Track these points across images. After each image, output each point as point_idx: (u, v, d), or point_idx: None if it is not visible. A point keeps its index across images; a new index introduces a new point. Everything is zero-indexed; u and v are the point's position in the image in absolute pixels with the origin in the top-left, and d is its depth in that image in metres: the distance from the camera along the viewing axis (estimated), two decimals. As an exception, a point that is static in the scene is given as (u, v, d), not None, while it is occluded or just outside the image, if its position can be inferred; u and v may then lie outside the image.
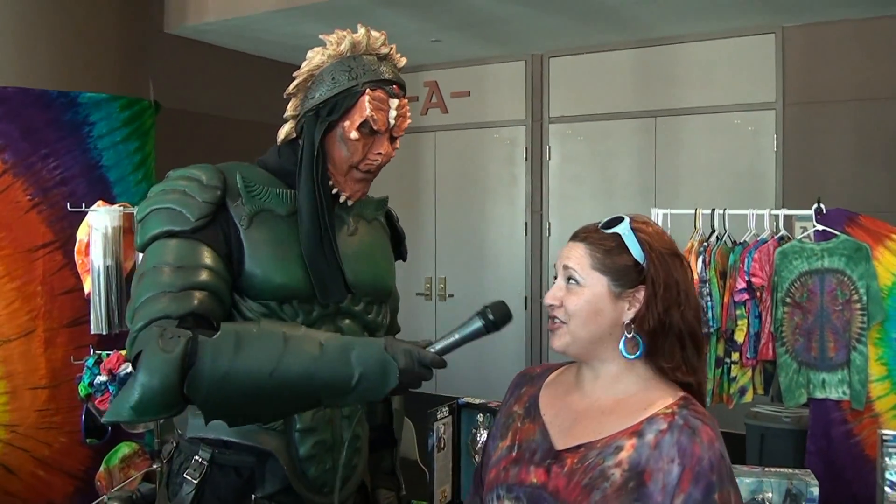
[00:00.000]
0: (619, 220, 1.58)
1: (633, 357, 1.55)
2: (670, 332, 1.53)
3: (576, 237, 1.60)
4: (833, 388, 3.39)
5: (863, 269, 3.34)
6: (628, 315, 1.54)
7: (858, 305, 3.34)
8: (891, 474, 2.42)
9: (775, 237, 3.64)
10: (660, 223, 3.99)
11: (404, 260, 2.26)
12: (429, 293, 6.92)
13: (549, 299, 1.57)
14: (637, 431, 1.49)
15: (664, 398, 1.53)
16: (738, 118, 5.72)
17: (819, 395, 3.42)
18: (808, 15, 5.28)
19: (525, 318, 6.53)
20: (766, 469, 2.33)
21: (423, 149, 6.96)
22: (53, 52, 4.01)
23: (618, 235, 1.56)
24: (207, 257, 1.73)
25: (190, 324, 1.63)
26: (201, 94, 5.70)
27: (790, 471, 2.37)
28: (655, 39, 5.95)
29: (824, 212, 3.49)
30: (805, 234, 3.61)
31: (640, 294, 1.54)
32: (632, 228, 1.57)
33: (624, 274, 1.54)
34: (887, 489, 2.42)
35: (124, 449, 3.55)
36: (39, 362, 3.84)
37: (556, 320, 1.57)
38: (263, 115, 5.46)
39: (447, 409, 2.79)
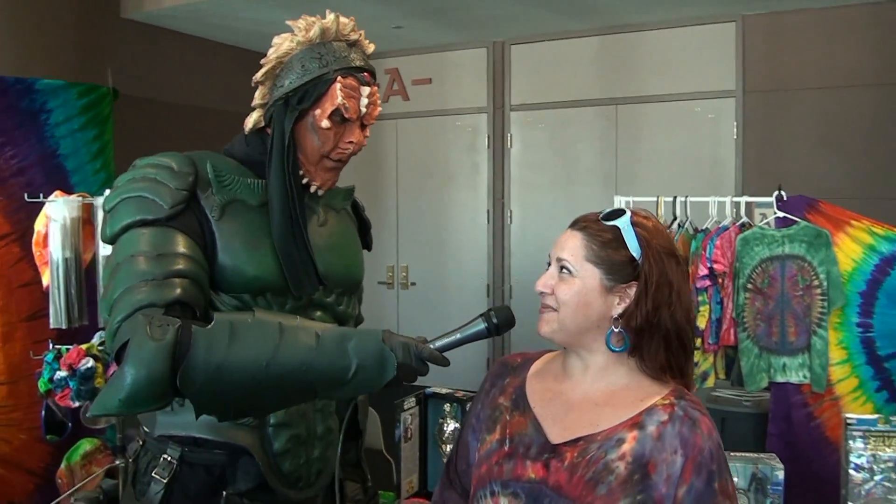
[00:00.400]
0: (620, 212, 1.58)
1: (618, 350, 1.56)
2: (657, 332, 1.53)
3: (574, 225, 1.60)
4: (794, 372, 3.44)
5: (823, 254, 3.39)
6: (617, 310, 1.55)
7: (819, 291, 3.39)
8: (854, 457, 2.45)
9: (737, 224, 3.68)
10: (622, 211, 4.02)
11: (369, 250, 2.24)
12: (391, 282, 6.90)
13: (540, 286, 1.57)
14: (637, 423, 1.50)
15: (658, 390, 1.54)
16: (699, 106, 5.76)
17: (780, 379, 3.46)
18: (768, 3, 5.32)
19: (487, 305, 6.54)
20: (732, 454, 2.35)
21: (384, 137, 6.93)
22: (8, 37, 3.93)
23: (616, 228, 1.55)
24: (185, 245, 1.69)
25: (177, 312, 1.59)
26: (161, 81, 5.60)
27: (755, 455, 2.40)
28: (616, 27, 5.96)
29: (785, 198, 3.53)
30: (765, 220, 3.65)
31: (632, 290, 1.54)
32: (632, 223, 1.56)
33: (618, 268, 1.54)
34: (851, 472, 2.46)
35: (86, 445, 3.48)
36: (-4, 357, 3.77)
37: (549, 303, 1.57)
38: (225, 104, 5.40)
39: (414, 399, 2.79)
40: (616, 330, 1.55)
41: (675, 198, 3.88)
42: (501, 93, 6.52)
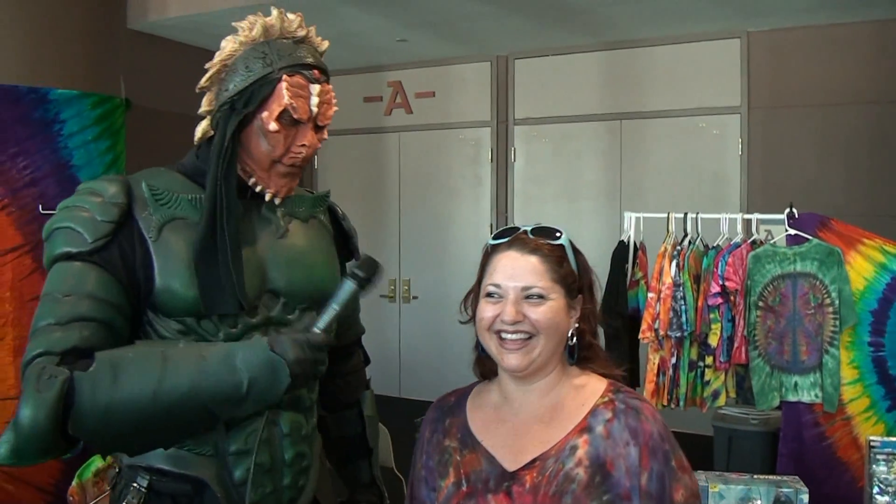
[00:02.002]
0: (555, 230, 1.61)
1: (571, 363, 1.62)
2: (597, 335, 1.64)
3: (521, 248, 1.58)
4: (805, 391, 3.45)
5: (835, 273, 3.40)
6: (572, 325, 1.59)
7: (831, 309, 3.40)
8: (878, 480, 2.46)
9: (748, 241, 3.69)
10: (631, 226, 4.04)
11: (357, 259, 2.07)
12: (393, 295, 6.89)
13: (511, 316, 1.54)
14: (585, 427, 1.53)
15: (595, 391, 1.58)
16: (703, 122, 5.77)
17: (791, 398, 3.47)
18: (773, 20, 5.35)
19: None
20: (756, 476, 2.36)
21: (387, 149, 6.94)
22: (20, 47, 3.90)
23: (561, 246, 1.59)
24: (102, 284, 1.62)
25: (71, 359, 1.53)
26: (168, 91, 5.58)
27: (779, 478, 2.41)
28: (621, 42, 5.98)
29: (796, 216, 3.54)
30: (770, 238, 3.66)
31: (580, 304, 1.60)
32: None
33: (571, 284, 1.59)
34: (876, 496, 2.46)
35: (97, 462, 3.42)
36: (8, 372, 3.68)
37: (519, 336, 1.55)
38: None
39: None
40: (572, 343, 1.60)
41: (685, 214, 3.89)
42: (505, 107, 6.53)
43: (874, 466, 2.46)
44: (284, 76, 1.71)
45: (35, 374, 1.50)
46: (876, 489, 2.45)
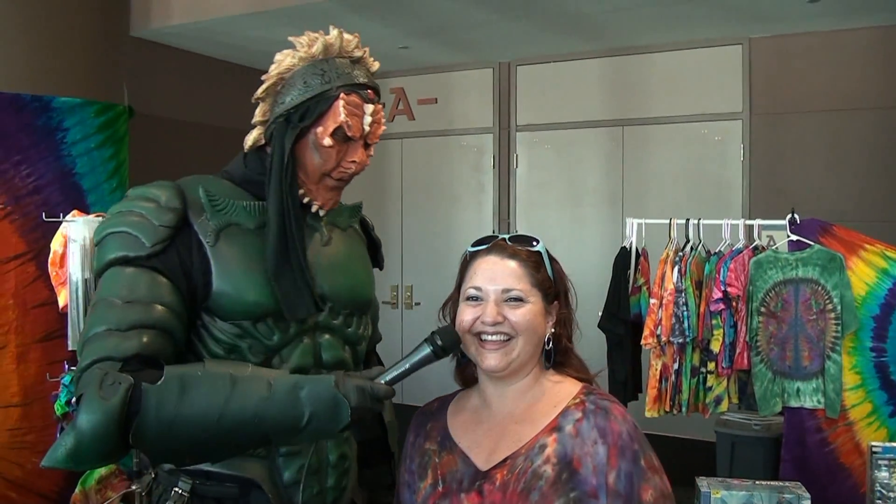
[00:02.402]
0: (531, 238, 1.68)
1: (548, 367, 1.67)
2: (572, 340, 1.69)
3: (500, 254, 1.65)
4: (808, 397, 3.45)
5: (837, 278, 3.40)
6: (549, 329, 1.65)
7: (833, 315, 3.40)
8: (880, 486, 2.46)
9: (750, 247, 3.69)
10: (633, 232, 4.04)
11: (381, 268, 2.18)
12: (395, 302, 6.89)
13: (492, 316, 1.60)
14: (555, 427, 1.57)
15: (569, 393, 1.62)
16: (706, 128, 5.78)
17: (794, 403, 3.47)
18: (775, 27, 5.36)
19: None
20: (758, 482, 2.36)
21: (389, 156, 6.94)
22: (23, 54, 3.91)
23: (538, 253, 1.66)
24: (161, 290, 1.64)
25: (134, 366, 1.55)
26: (172, 99, 5.61)
27: (781, 483, 2.40)
28: (623, 49, 5.99)
29: (798, 222, 3.55)
30: (772, 243, 3.67)
31: (555, 310, 1.66)
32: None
33: (548, 290, 1.65)
34: (878, 502, 2.46)
35: (101, 470, 3.44)
36: (11, 379, 3.71)
37: (499, 337, 1.60)
38: (235, 122, 5.38)
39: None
40: (548, 348, 1.65)
41: (687, 220, 3.90)
42: (507, 113, 6.54)
43: (876, 472, 2.46)
44: (341, 94, 1.77)
45: (97, 379, 1.50)
46: (877, 495, 2.45)
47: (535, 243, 1.66)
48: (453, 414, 1.73)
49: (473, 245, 1.72)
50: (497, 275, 1.62)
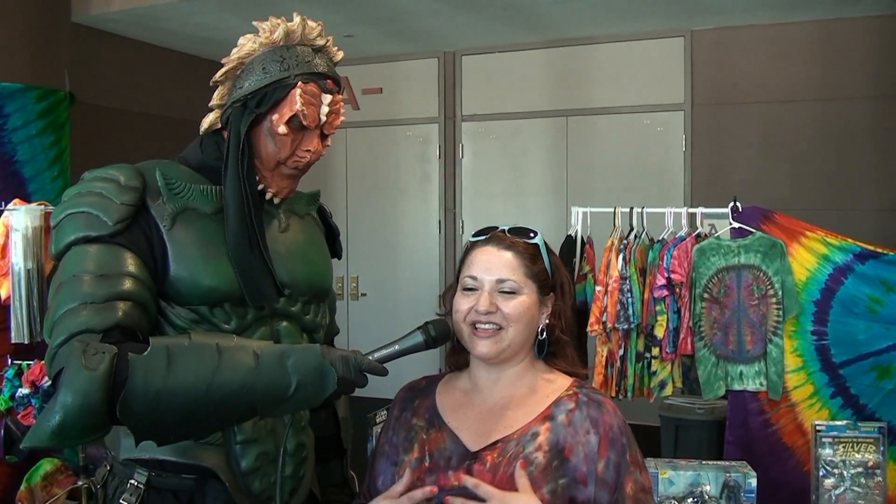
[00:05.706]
0: (530, 230, 1.71)
1: (541, 357, 1.70)
2: (566, 333, 1.71)
3: (498, 244, 1.67)
4: (750, 380, 3.50)
5: (778, 264, 3.45)
6: (543, 321, 1.68)
7: (774, 300, 3.46)
8: (825, 463, 2.51)
9: (693, 234, 3.73)
10: (578, 221, 4.06)
11: (339, 258, 2.18)
12: (341, 292, 6.85)
13: (485, 306, 1.62)
14: (548, 416, 1.61)
15: (561, 385, 1.67)
16: (648, 118, 5.85)
17: (737, 387, 3.52)
18: (716, 19, 5.44)
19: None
20: (704, 462, 2.39)
21: (334, 146, 6.77)
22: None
23: (536, 245, 1.68)
24: (130, 263, 1.61)
25: (115, 338, 1.52)
26: (113, 87, 5.48)
27: (727, 463, 2.44)
28: (567, 40, 6.03)
29: (740, 209, 3.60)
30: (714, 231, 3.71)
31: (551, 301, 1.69)
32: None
33: (543, 282, 1.67)
34: (822, 478, 2.51)
35: (46, 466, 3.32)
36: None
37: (491, 326, 1.62)
38: (177, 111, 5.32)
39: (385, 412, 2.74)
40: (542, 339, 1.68)
41: (631, 208, 3.93)
42: (453, 103, 6.55)
43: (820, 450, 2.51)
44: (300, 83, 1.75)
45: (79, 351, 1.46)
46: (822, 472, 2.50)
47: (532, 235, 1.69)
48: (442, 393, 1.75)
49: (474, 235, 1.74)
50: (493, 265, 1.65)
